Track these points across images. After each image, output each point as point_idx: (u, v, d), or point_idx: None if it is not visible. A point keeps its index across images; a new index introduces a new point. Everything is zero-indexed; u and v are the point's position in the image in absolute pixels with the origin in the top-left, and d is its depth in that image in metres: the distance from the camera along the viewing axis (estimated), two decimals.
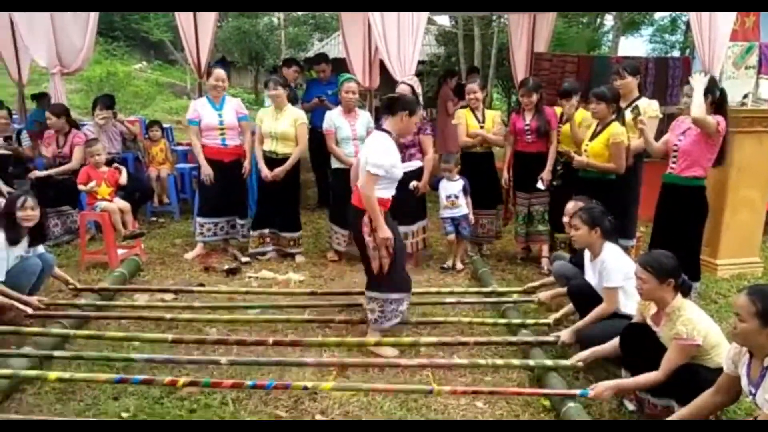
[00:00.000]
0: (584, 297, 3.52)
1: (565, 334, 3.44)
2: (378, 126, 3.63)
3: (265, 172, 5.06)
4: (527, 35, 8.18)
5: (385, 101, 3.62)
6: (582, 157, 4.50)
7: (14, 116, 6.85)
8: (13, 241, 3.80)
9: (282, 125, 5.04)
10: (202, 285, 4.58)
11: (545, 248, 5.14)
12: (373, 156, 3.36)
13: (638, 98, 4.53)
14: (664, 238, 4.05)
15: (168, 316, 3.83)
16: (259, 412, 2.91)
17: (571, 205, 4.00)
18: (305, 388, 2.94)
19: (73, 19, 6.02)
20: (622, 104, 4.50)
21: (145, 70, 22.39)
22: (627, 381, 2.89)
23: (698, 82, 3.93)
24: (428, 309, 4.15)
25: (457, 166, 5.03)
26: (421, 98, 5.19)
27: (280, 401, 2.99)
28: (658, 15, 19.61)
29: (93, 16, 6.06)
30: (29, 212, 3.85)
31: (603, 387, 2.82)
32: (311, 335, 3.73)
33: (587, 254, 3.62)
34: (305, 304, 4.16)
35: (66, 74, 6.31)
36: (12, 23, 6.73)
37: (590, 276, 3.57)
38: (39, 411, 2.86)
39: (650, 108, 4.46)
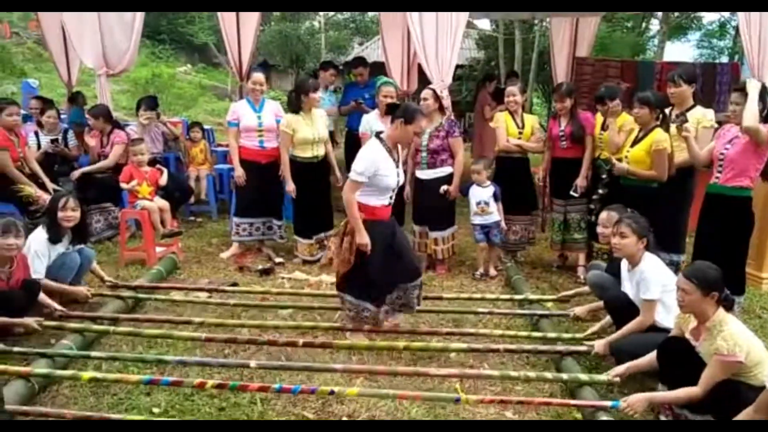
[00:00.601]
0: (621, 308, 3.43)
1: (598, 345, 3.35)
2: (379, 132, 3.66)
3: (291, 186, 5.03)
4: (569, 39, 8.06)
5: (386, 107, 3.67)
6: (623, 164, 4.38)
7: (62, 116, 7.07)
8: (54, 240, 3.92)
9: (321, 129, 5.08)
10: (235, 284, 4.63)
11: (582, 257, 5.03)
12: (356, 162, 3.47)
13: (693, 107, 4.34)
14: (707, 250, 3.90)
15: (197, 319, 3.86)
16: (287, 413, 2.92)
17: (605, 215, 3.90)
18: (331, 392, 2.93)
19: (118, 21, 6.19)
20: (677, 112, 4.33)
21: (189, 72, 22.88)
22: (662, 394, 2.80)
23: (753, 88, 3.74)
24: (459, 317, 4.10)
25: (487, 171, 4.95)
26: (447, 102, 5.15)
27: (307, 402, 2.99)
28: (706, 19, 19.07)
29: (138, 19, 6.22)
30: (69, 213, 3.97)
31: (636, 399, 2.73)
32: (340, 337, 3.72)
33: (625, 264, 3.51)
34: (336, 306, 4.16)
35: (111, 75, 6.49)
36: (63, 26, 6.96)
37: (627, 286, 3.47)
38: (74, 404, 2.94)
39: (705, 118, 4.28)
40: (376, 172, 3.43)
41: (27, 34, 18.65)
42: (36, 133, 6.23)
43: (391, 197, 3.62)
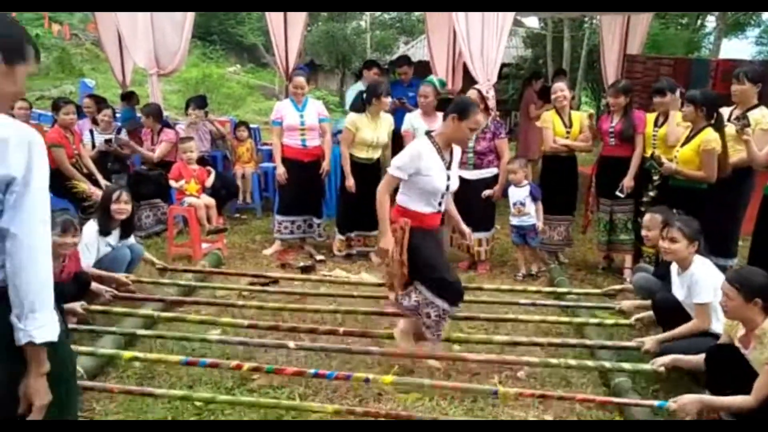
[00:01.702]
0: (670, 311, 3.32)
1: (649, 342, 3.23)
2: (429, 131, 3.44)
3: (351, 182, 5.06)
4: (620, 37, 7.86)
5: (438, 102, 3.49)
6: (671, 163, 4.24)
7: (117, 115, 7.32)
8: (104, 231, 4.07)
9: (383, 134, 5.12)
10: (276, 282, 4.69)
11: (628, 258, 4.90)
12: (397, 156, 3.25)
13: (756, 107, 4.14)
14: (762, 256, 3.74)
15: (240, 302, 3.96)
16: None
17: (648, 218, 3.80)
18: (366, 380, 2.94)
19: (170, 22, 6.37)
20: (737, 113, 4.16)
21: (238, 72, 23.37)
22: (715, 399, 2.67)
23: None
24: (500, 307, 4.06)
25: (523, 170, 4.86)
26: (492, 102, 5.08)
27: (345, 399, 3.01)
28: (765, 15, 18.24)
29: (189, 20, 6.39)
30: (123, 206, 4.12)
31: (688, 400, 2.63)
32: (380, 328, 3.72)
33: (675, 267, 3.39)
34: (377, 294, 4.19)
35: (163, 75, 6.68)
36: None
37: (677, 290, 3.35)
38: (120, 394, 3.02)
39: (764, 119, 4.07)
40: (419, 170, 3.14)
41: (85, 36, 19.40)
42: (91, 132, 6.47)
43: (440, 203, 3.31)
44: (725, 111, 4.29)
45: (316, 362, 3.32)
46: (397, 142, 5.73)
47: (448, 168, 3.27)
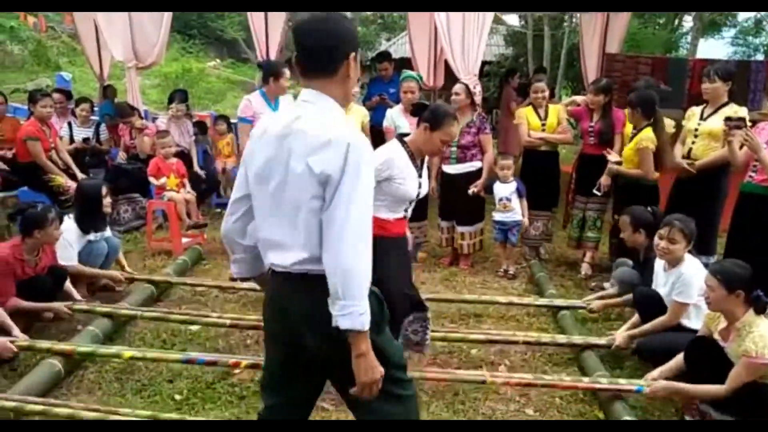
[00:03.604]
0: (650, 305, 3.35)
1: (619, 338, 3.31)
2: (403, 135, 3.27)
3: None
4: (599, 35, 7.92)
5: (413, 106, 3.27)
6: (612, 164, 4.49)
7: (96, 109, 7.22)
8: (86, 229, 4.03)
9: (355, 124, 5.07)
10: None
11: (589, 254, 4.99)
12: None
13: (726, 104, 4.20)
14: (739, 251, 3.79)
15: (214, 314, 3.91)
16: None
17: (620, 220, 3.91)
18: None
19: (148, 15, 6.30)
20: (708, 110, 4.23)
21: (218, 67, 23.14)
22: (687, 386, 2.72)
23: None
24: (481, 308, 4.08)
25: (510, 168, 4.88)
26: (479, 98, 5.09)
27: (327, 395, 2.99)
28: (741, 16, 18.62)
29: (167, 13, 6.31)
30: (107, 200, 4.15)
31: (661, 386, 2.72)
32: None
33: (660, 263, 3.42)
34: None
35: (141, 68, 6.59)
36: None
37: (660, 284, 3.38)
38: (98, 389, 3.00)
39: (737, 116, 4.17)
40: (391, 176, 2.86)
41: (62, 29, 19.05)
42: (69, 125, 6.37)
43: (406, 209, 3.07)
44: (696, 109, 4.36)
45: None
46: (378, 138, 5.74)
47: (420, 174, 3.03)
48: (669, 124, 4.55)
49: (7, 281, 3.42)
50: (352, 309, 1.61)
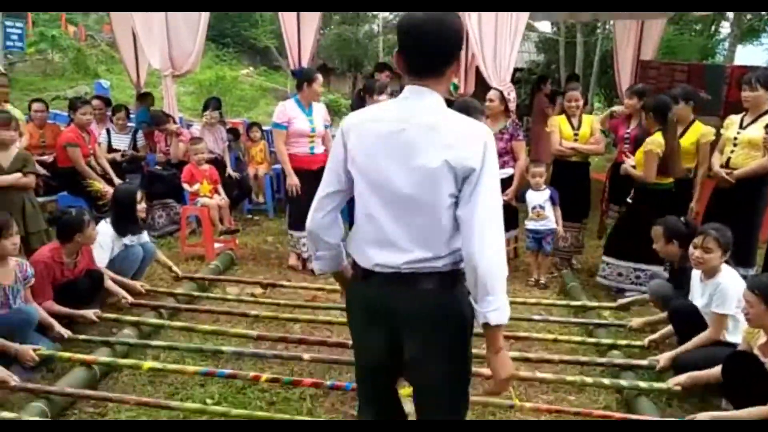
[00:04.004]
0: (687, 319, 3.28)
1: (664, 359, 3.18)
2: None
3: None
4: (634, 42, 7.83)
5: None
6: (626, 165, 4.47)
7: (131, 116, 7.38)
8: (122, 232, 4.13)
9: None
10: (289, 280, 4.70)
11: None
12: None
13: (766, 113, 4.08)
14: None
15: (253, 312, 3.93)
16: (336, 411, 2.94)
17: (653, 230, 3.80)
18: None
19: (184, 23, 6.42)
20: (748, 119, 4.12)
21: (251, 75, 23.45)
22: (732, 414, 2.64)
23: None
24: (512, 323, 4.02)
25: (542, 176, 4.81)
26: (513, 105, 5.06)
27: (356, 401, 3.00)
28: None
29: (203, 21, 6.44)
30: (143, 205, 4.25)
31: (704, 417, 2.60)
32: None
33: (697, 274, 3.35)
34: None
35: (177, 76, 6.72)
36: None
37: (698, 298, 3.30)
38: (132, 391, 3.04)
39: None
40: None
41: (101, 37, 19.55)
42: (108, 131, 6.53)
43: None
44: (735, 118, 4.25)
45: (329, 369, 3.31)
46: None
47: None
48: (710, 131, 4.45)
49: (45, 284, 3.52)
50: (499, 304, 1.64)
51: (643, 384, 3.02)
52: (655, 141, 4.23)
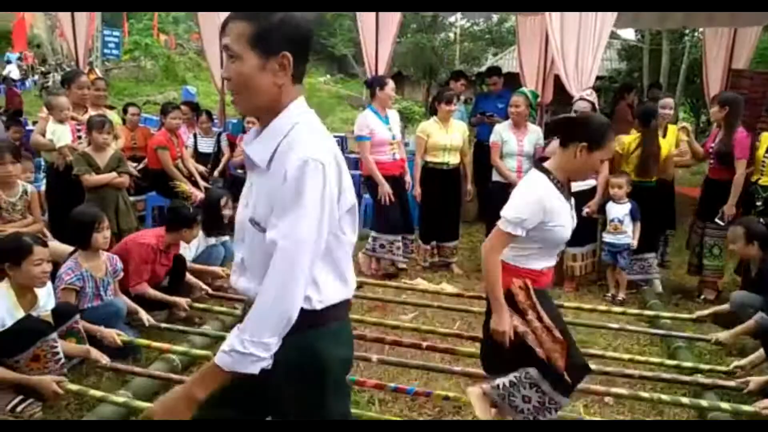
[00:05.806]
0: None
1: (755, 382, 2.96)
2: (540, 159, 2.94)
3: (418, 190, 5.13)
4: (725, 50, 7.45)
5: (553, 123, 2.92)
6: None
7: (215, 120, 7.70)
8: (209, 232, 4.37)
9: (455, 138, 5.10)
10: (360, 286, 4.75)
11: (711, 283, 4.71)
12: (513, 205, 2.32)
13: None
14: None
15: None
16: (403, 416, 2.95)
17: (730, 231, 3.72)
18: (446, 398, 2.92)
19: None
20: None
21: (328, 82, 24.02)
22: None
23: None
24: (586, 337, 3.91)
25: (623, 188, 4.62)
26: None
27: (424, 409, 3.01)
28: None
29: None
30: (230, 210, 4.43)
31: None
32: (460, 346, 3.69)
33: None
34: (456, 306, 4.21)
35: None
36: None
37: None
38: None
39: None
40: (543, 221, 2.30)
41: (189, 46, 20.57)
42: (195, 136, 6.86)
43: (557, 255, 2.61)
44: None
45: (396, 373, 3.33)
46: (482, 153, 5.71)
47: (571, 207, 2.44)
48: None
49: (144, 266, 3.74)
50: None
51: (725, 405, 2.84)
52: (619, 140, 4.40)
